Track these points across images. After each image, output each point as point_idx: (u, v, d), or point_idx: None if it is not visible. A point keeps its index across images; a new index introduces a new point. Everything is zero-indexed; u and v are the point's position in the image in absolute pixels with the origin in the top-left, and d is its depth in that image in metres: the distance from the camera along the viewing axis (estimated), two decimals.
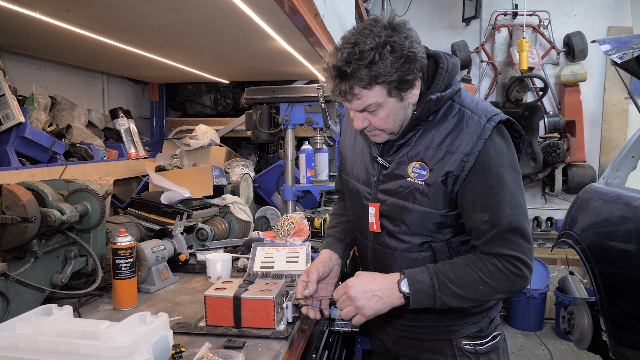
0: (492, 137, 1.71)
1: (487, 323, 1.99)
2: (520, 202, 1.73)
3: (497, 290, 1.71)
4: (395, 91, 1.66)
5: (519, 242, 1.70)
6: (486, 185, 1.70)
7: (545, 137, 6.48)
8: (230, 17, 2.33)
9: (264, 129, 3.34)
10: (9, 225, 1.86)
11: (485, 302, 1.84)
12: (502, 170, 1.70)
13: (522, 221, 1.71)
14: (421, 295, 1.69)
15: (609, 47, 3.63)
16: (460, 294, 1.69)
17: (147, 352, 1.24)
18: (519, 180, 1.76)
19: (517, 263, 1.69)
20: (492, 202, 1.70)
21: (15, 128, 2.70)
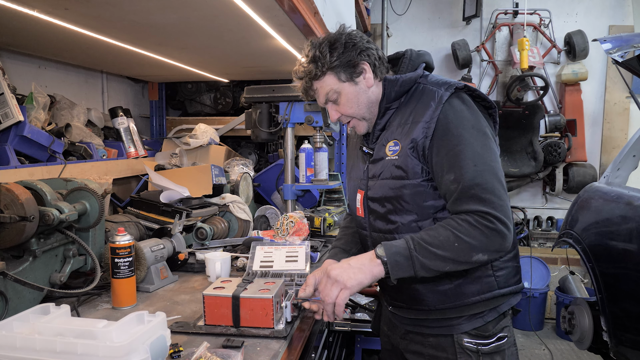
0: (451, 102, 1.81)
1: (494, 318, 1.92)
2: (487, 160, 1.74)
3: (475, 247, 1.68)
4: (345, 75, 1.91)
5: (488, 197, 1.69)
6: (448, 146, 1.76)
7: (546, 136, 6.48)
8: (229, 15, 2.33)
9: (264, 128, 3.33)
10: (7, 224, 1.85)
11: (465, 264, 1.72)
12: (462, 131, 1.77)
13: (487, 177, 1.72)
14: (398, 258, 1.71)
15: (610, 45, 3.62)
16: (437, 252, 1.69)
17: (144, 352, 1.23)
18: (487, 141, 1.79)
19: (488, 217, 1.68)
20: (455, 161, 1.74)
21: (14, 127, 2.70)
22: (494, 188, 1.71)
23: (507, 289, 1.93)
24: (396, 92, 1.93)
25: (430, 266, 1.70)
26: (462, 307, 1.91)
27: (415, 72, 1.94)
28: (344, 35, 1.94)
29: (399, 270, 1.72)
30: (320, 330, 2.51)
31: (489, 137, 1.81)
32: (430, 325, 1.99)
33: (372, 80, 1.94)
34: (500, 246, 1.71)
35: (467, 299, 1.90)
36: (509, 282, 1.94)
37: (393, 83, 1.92)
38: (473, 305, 1.91)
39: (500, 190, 1.73)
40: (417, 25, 7.00)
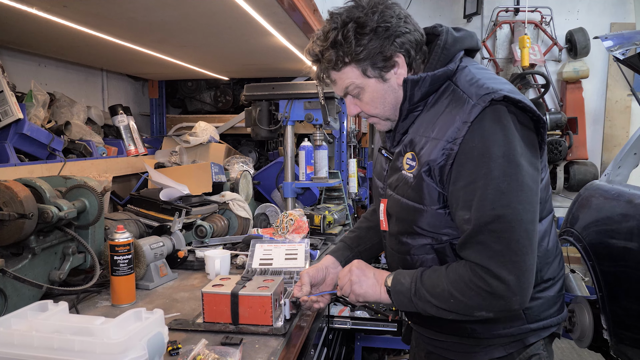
0: (482, 121, 1.44)
1: (519, 349, 1.67)
2: (512, 202, 1.41)
3: (471, 306, 1.47)
4: (372, 70, 1.59)
5: (497, 249, 1.41)
6: (467, 177, 1.46)
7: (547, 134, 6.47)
8: (228, 12, 2.32)
9: (264, 126, 3.33)
10: (6, 221, 1.85)
11: (470, 317, 1.52)
12: (488, 162, 1.42)
13: (505, 224, 1.40)
14: (401, 298, 1.60)
15: (612, 43, 3.61)
16: (433, 302, 1.52)
17: (141, 349, 1.23)
18: (519, 176, 1.42)
19: (482, 274, 1.43)
20: (472, 198, 1.45)
21: (13, 125, 2.69)
22: (510, 238, 1.40)
23: (539, 324, 1.67)
24: (422, 94, 1.60)
25: (432, 313, 1.56)
26: (482, 338, 1.69)
27: (447, 67, 1.58)
28: (377, 14, 1.55)
29: (404, 308, 1.62)
30: (320, 328, 2.51)
31: (523, 170, 1.43)
32: (449, 348, 1.79)
33: (404, 76, 1.61)
34: (503, 307, 1.44)
35: (487, 332, 1.67)
36: (542, 316, 1.67)
37: (416, 84, 1.58)
38: (494, 338, 1.68)
39: (521, 240, 1.41)
40: (418, 22, 6.97)
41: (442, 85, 1.60)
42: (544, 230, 1.64)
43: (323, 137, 3.35)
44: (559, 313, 1.73)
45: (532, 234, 1.42)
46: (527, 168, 1.44)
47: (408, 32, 1.59)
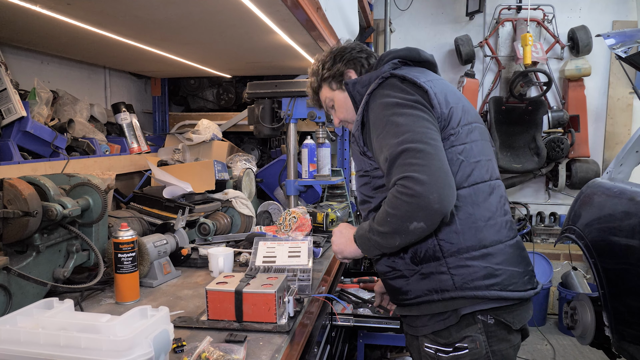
0: (374, 93, 1.91)
1: (455, 323, 1.84)
2: (412, 127, 1.74)
3: (403, 217, 1.69)
4: (335, 84, 2.20)
5: (408, 161, 1.68)
6: (376, 132, 1.84)
7: (549, 132, 6.46)
8: (232, 10, 2.33)
9: (266, 124, 3.33)
10: (11, 219, 1.86)
11: (408, 234, 1.71)
12: (385, 112, 1.82)
13: (410, 144, 1.70)
14: (363, 240, 1.90)
15: (614, 41, 3.60)
16: (380, 230, 1.78)
17: (147, 346, 1.23)
18: (414, 112, 1.79)
19: (404, 182, 1.66)
20: (384, 142, 1.78)
21: (17, 122, 2.70)
22: (416, 151, 1.68)
23: (469, 292, 1.81)
24: (359, 93, 2.03)
25: (383, 244, 1.82)
26: (422, 304, 1.89)
27: (377, 70, 2.01)
28: (335, 49, 2.23)
29: (368, 250, 1.92)
30: (323, 325, 2.52)
31: (418, 108, 1.81)
32: (408, 323, 2.03)
33: None
34: (427, 210, 1.64)
35: (424, 296, 1.87)
36: (474, 285, 1.81)
37: (352, 85, 2.05)
38: (432, 303, 1.86)
39: (425, 149, 1.68)
40: (420, 20, 6.98)
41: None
42: (466, 196, 1.85)
43: (326, 135, 3.35)
44: (502, 289, 1.82)
45: (434, 146, 1.71)
46: (422, 107, 1.82)
47: (360, 58, 2.18)
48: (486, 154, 1.98)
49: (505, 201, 1.99)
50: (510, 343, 1.89)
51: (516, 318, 1.88)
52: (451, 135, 1.86)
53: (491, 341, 1.84)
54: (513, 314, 1.87)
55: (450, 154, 1.83)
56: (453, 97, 1.95)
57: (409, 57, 2.08)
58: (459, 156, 1.86)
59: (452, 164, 1.82)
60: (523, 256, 1.96)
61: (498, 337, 1.85)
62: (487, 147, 2.02)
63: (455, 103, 1.92)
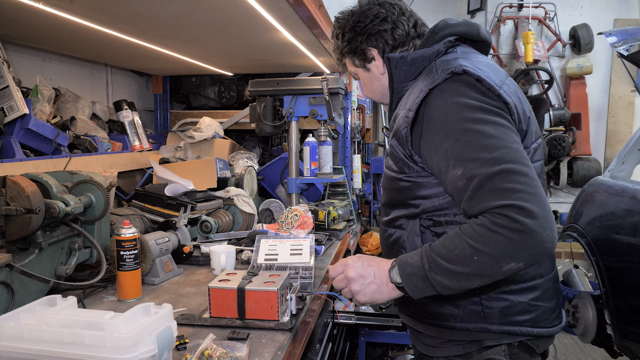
0: (441, 87, 1.54)
1: (477, 349, 1.64)
2: (506, 142, 1.42)
3: (499, 257, 1.36)
4: (358, 61, 1.89)
5: (510, 187, 1.36)
6: (442, 138, 1.50)
7: (550, 130, 6.46)
8: (234, 8, 2.32)
9: (268, 122, 3.33)
10: (14, 216, 1.86)
11: (497, 276, 1.41)
12: (457, 113, 1.49)
13: (508, 163, 1.39)
14: (415, 280, 1.50)
15: (616, 39, 3.60)
16: (454, 270, 1.42)
17: (151, 343, 1.23)
18: (502, 121, 1.47)
19: (509, 214, 1.33)
20: (461, 154, 1.45)
21: (19, 120, 2.70)
22: (518, 173, 1.37)
23: (499, 327, 1.61)
24: (406, 72, 1.73)
25: (453, 287, 1.45)
26: (441, 328, 1.69)
27: (432, 47, 1.70)
28: (355, 16, 1.84)
29: (420, 292, 1.52)
30: (325, 323, 2.52)
31: (506, 118, 1.49)
32: (418, 337, 1.84)
33: (382, 67, 1.84)
34: (536, 250, 1.35)
35: (446, 321, 1.66)
36: (506, 320, 1.60)
37: (398, 62, 1.74)
38: (453, 331, 1.66)
39: (529, 174, 1.38)
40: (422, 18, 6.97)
41: (426, 66, 1.70)
42: None
43: (327, 132, 3.35)
44: (533, 325, 1.62)
45: (533, 169, 1.41)
46: (494, 112, 1.48)
47: (383, 31, 1.80)
48: (542, 175, 1.67)
49: None
50: None
51: (541, 342, 1.68)
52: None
53: None
54: (540, 340, 1.68)
55: None
56: (525, 104, 1.66)
57: (467, 36, 1.77)
58: None
59: None
60: (557, 289, 1.75)
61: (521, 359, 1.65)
62: (542, 166, 1.73)
63: (527, 112, 1.63)
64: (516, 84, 1.72)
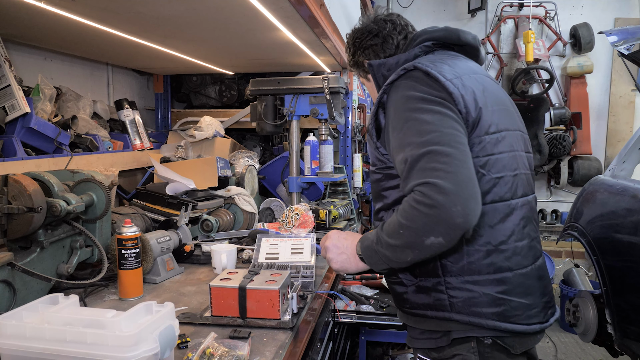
0: (395, 83, 1.72)
1: (447, 344, 1.70)
2: (438, 127, 1.54)
3: (418, 230, 1.47)
4: (361, 72, 2.12)
5: (430, 165, 1.47)
6: (393, 128, 1.65)
7: (550, 129, 6.46)
8: (236, 7, 2.33)
9: (269, 121, 3.33)
10: (15, 215, 1.86)
11: (423, 249, 1.50)
12: (403, 105, 1.64)
13: (436, 142, 1.50)
14: (369, 253, 1.69)
15: (616, 38, 3.60)
16: (389, 243, 1.57)
17: (153, 341, 1.24)
18: (441, 109, 1.58)
19: (423, 190, 1.45)
20: (403, 140, 1.59)
21: (20, 118, 2.70)
22: (442, 153, 1.48)
23: (465, 317, 1.65)
24: (385, 76, 1.86)
25: (393, 259, 1.60)
26: (417, 317, 1.76)
27: (409, 52, 1.86)
28: (354, 33, 2.09)
29: (376, 265, 1.70)
30: (326, 322, 2.52)
31: (446, 106, 1.60)
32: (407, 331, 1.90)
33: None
34: (448, 224, 1.43)
35: (419, 309, 1.74)
36: (471, 311, 1.64)
37: (378, 67, 1.91)
38: (426, 319, 1.73)
39: (452, 154, 1.48)
40: (422, 17, 6.98)
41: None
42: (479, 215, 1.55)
43: (328, 132, 3.35)
44: (502, 320, 1.63)
45: (462, 151, 1.51)
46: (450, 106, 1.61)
47: (372, 45, 2.01)
48: (512, 167, 1.73)
49: (527, 223, 1.75)
50: None
51: (518, 342, 1.69)
52: (474, 144, 1.64)
53: None
54: (515, 338, 1.69)
55: None
56: (490, 97, 1.73)
57: (446, 40, 1.88)
58: (481, 170, 1.64)
59: None
60: (537, 286, 1.73)
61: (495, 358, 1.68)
62: (517, 160, 1.77)
63: (489, 105, 1.70)
64: (490, 82, 1.84)
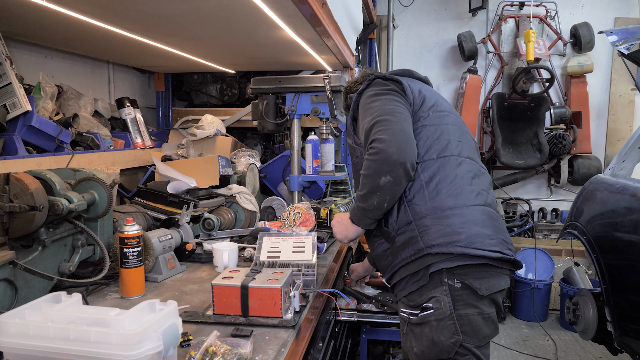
0: (364, 91, 2.27)
1: (426, 282, 1.98)
2: (385, 108, 2.07)
3: (372, 174, 1.98)
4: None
5: (375, 130, 2.01)
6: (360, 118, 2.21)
7: (551, 128, 6.46)
8: (238, 5, 2.33)
9: (270, 119, 3.33)
10: (17, 213, 1.86)
11: (382, 189, 1.98)
12: (364, 102, 2.20)
13: (380, 114, 2.04)
14: (355, 212, 2.15)
15: (616, 38, 3.60)
16: (361, 194, 2.06)
17: (156, 339, 1.24)
18: (389, 96, 2.13)
19: (372, 145, 1.99)
20: (362, 122, 2.14)
21: (22, 117, 2.70)
22: (382, 121, 2.00)
23: (435, 249, 1.94)
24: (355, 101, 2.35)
25: (366, 207, 2.06)
26: (401, 268, 2.05)
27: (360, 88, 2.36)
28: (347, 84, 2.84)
29: (360, 221, 2.15)
30: (327, 320, 2.52)
31: (391, 94, 2.15)
32: (394, 293, 2.20)
33: None
34: (389, 162, 1.94)
35: (402, 260, 2.03)
36: (438, 242, 1.95)
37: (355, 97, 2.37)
38: (408, 265, 2.02)
39: (389, 119, 2.01)
40: (423, 16, 6.97)
41: None
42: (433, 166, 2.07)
43: (330, 130, 3.35)
44: (467, 246, 1.93)
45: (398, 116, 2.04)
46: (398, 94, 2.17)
47: (357, 89, 2.52)
48: (458, 136, 2.19)
49: (474, 176, 2.12)
50: (478, 310, 1.98)
51: (484, 284, 1.97)
52: (422, 117, 2.15)
53: (457, 304, 1.95)
54: (481, 280, 1.97)
55: (422, 130, 2.12)
56: (429, 93, 2.27)
57: (404, 76, 2.35)
58: (431, 134, 2.12)
59: (423, 139, 2.10)
60: (494, 225, 2.06)
61: (465, 301, 1.96)
62: (460, 133, 2.22)
63: (429, 96, 2.23)
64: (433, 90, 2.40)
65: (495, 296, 2.03)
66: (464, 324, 1.95)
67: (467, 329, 1.96)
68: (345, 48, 3.65)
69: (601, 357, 5.10)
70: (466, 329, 1.96)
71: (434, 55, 7.00)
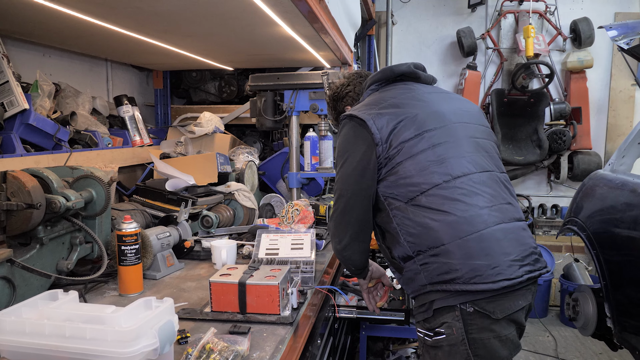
0: (340, 129, 2.22)
1: (431, 315, 1.94)
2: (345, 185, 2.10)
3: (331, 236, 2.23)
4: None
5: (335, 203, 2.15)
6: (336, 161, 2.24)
7: (551, 124, 6.45)
8: (234, 2, 2.32)
9: (269, 116, 3.33)
10: (15, 211, 1.86)
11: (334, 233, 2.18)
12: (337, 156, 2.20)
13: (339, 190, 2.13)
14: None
15: (616, 33, 3.59)
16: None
17: (152, 337, 1.24)
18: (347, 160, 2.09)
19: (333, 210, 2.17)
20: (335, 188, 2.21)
21: (19, 115, 2.69)
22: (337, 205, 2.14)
23: (437, 287, 1.89)
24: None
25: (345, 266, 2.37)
26: (415, 298, 2.05)
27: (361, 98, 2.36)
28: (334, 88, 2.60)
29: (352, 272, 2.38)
30: (326, 317, 2.52)
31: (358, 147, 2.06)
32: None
33: None
34: (336, 250, 2.22)
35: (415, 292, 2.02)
36: (438, 280, 1.89)
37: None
38: (418, 296, 2.01)
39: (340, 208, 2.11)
40: (422, 12, 6.95)
41: None
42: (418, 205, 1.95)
43: (328, 127, 3.35)
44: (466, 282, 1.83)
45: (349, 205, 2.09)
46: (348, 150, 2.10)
47: (349, 91, 2.51)
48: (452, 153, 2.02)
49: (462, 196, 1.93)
50: (494, 333, 1.88)
51: (498, 307, 1.87)
52: (392, 155, 2.00)
53: (470, 329, 1.87)
54: (493, 303, 1.86)
55: (398, 170, 1.98)
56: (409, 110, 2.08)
57: (384, 79, 2.29)
58: (409, 170, 1.97)
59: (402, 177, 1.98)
60: (490, 248, 1.88)
61: (478, 325, 1.87)
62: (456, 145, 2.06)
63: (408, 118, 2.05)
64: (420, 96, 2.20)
65: (514, 316, 1.93)
66: (478, 348, 1.88)
67: (481, 352, 1.88)
68: (343, 44, 3.64)
69: (601, 353, 5.10)
70: (480, 352, 1.88)
71: (433, 51, 6.98)
